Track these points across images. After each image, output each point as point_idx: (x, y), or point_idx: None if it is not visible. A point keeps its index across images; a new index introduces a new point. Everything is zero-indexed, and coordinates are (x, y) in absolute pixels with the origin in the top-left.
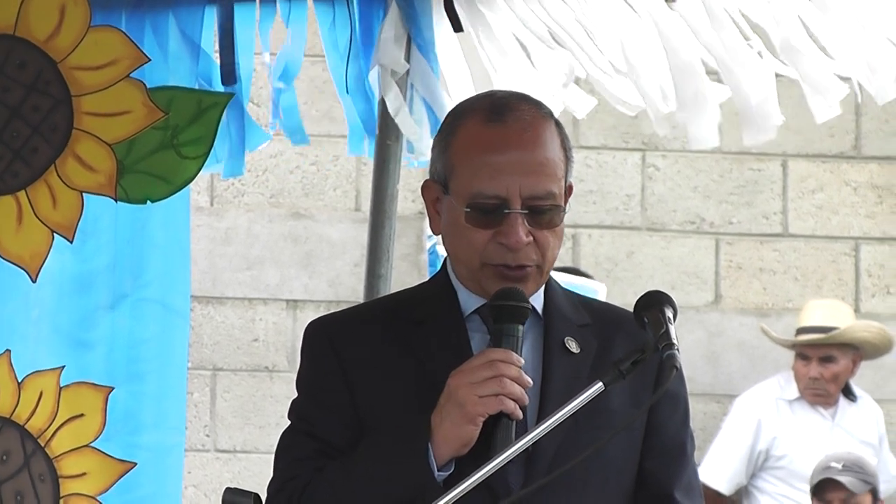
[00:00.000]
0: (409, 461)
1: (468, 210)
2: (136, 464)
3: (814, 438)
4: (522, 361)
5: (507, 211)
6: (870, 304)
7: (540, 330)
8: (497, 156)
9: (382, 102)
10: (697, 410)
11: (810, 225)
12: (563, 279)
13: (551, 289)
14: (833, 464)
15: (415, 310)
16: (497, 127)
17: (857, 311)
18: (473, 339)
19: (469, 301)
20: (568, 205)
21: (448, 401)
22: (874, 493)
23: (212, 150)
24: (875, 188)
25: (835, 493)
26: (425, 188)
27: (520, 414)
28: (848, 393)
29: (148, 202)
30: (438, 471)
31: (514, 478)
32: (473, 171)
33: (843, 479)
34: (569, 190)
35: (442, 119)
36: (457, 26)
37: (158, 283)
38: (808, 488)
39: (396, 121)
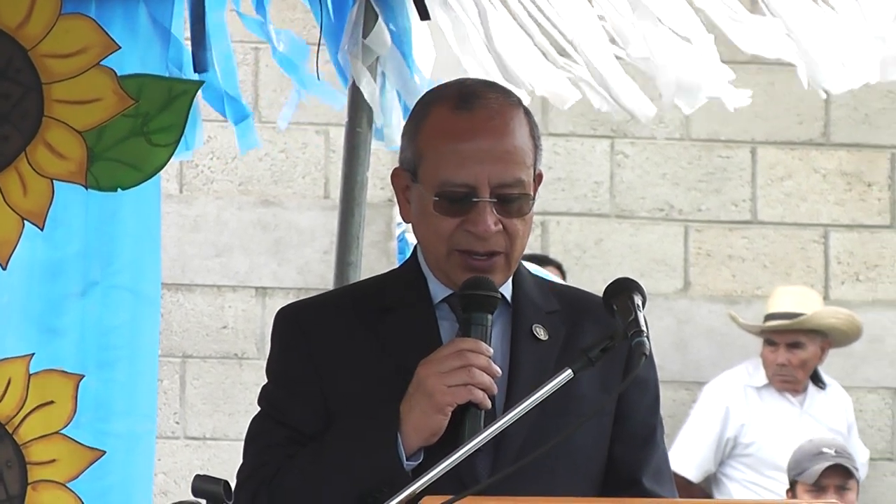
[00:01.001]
0: (378, 450)
1: (436, 198)
2: (105, 452)
3: (782, 426)
4: (491, 351)
5: (475, 199)
6: (839, 291)
7: (508, 317)
8: (465, 144)
9: (352, 88)
10: (666, 398)
11: (779, 212)
12: None
13: (520, 276)
14: (825, 449)
15: (384, 297)
16: (465, 115)
17: (826, 298)
18: (442, 327)
19: (438, 289)
20: (537, 193)
21: (417, 390)
22: (857, 480)
23: (182, 138)
24: (844, 175)
25: (831, 480)
26: (395, 176)
27: (488, 403)
28: (817, 380)
29: (118, 190)
30: (407, 460)
31: (482, 466)
32: (441, 159)
33: (841, 465)
34: (538, 178)
35: (412, 106)
36: (423, 14)
37: (129, 270)
38: (776, 475)
39: (373, 107)
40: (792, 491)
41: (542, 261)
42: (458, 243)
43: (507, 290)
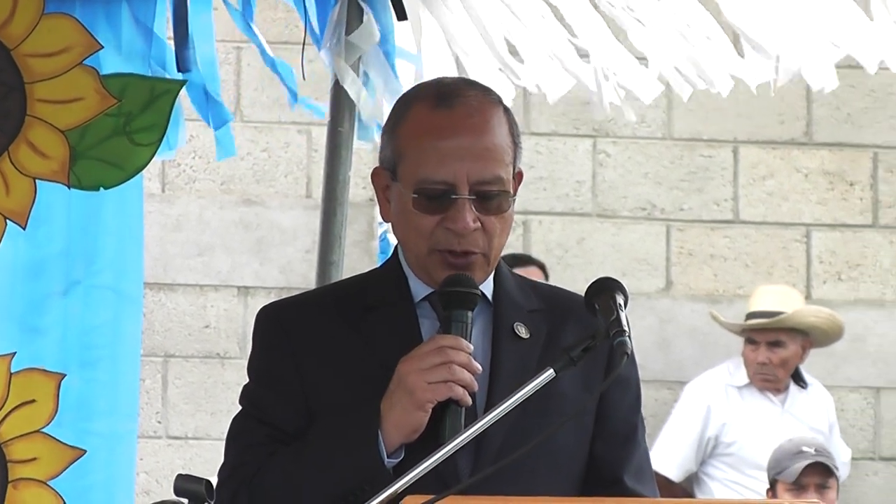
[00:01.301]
0: (359, 448)
1: (415, 196)
2: (86, 451)
3: (763, 425)
4: (471, 348)
5: (454, 196)
6: (821, 290)
7: (489, 316)
8: (444, 141)
9: (334, 88)
10: (648, 397)
11: (761, 211)
12: None
13: (501, 274)
14: (805, 448)
15: (366, 296)
16: (444, 112)
17: (808, 297)
18: (423, 325)
19: (419, 287)
20: (517, 191)
21: (397, 387)
22: (837, 479)
23: (164, 137)
24: (826, 175)
25: (811, 478)
26: (375, 175)
27: (469, 400)
28: (798, 380)
29: (101, 189)
30: (388, 457)
31: (463, 464)
32: (420, 157)
33: (821, 463)
34: (518, 176)
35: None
36: (400, 15)
37: (111, 269)
38: (758, 475)
39: (359, 106)
40: (772, 490)
41: (526, 260)
42: (438, 242)
43: (488, 288)
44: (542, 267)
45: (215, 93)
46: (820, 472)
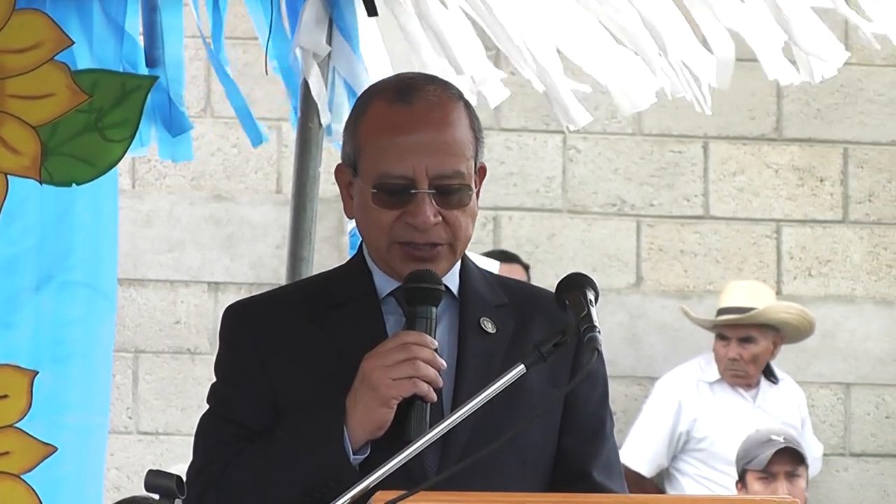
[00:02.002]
0: (325, 445)
1: (375, 191)
2: (57, 448)
3: (735, 420)
4: (436, 344)
5: (413, 191)
6: (792, 286)
7: (455, 310)
8: (403, 136)
9: (304, 84)
10: (619, 393)
11: (731, 207)
12: None
13: (467, 269)
14: (774, 437)
15: (331, 292)
16: (403, 107)
17: (778, 293)
18: (389, 321)
19: (384, 283)
20: (482, 186)
21: (362, 384)
22: (807, 467)
23: (136, 134)
24: (796, 170)
25: (780, 466)
26: (338, 172)
27: (434, 396)
28: (770, 375)
29: (73, 185)
30: (354, 454)
31: (430, 460)
32: (380, 152)
33: (791, 448)
34: (481, 171)
35: None
36: (371, 10)
37: (84, 265)
38: (729, 470)
39: (318, 104)
40: (742, 481)
41: (510, 258)
42: (399, 235)
43: (454, 283)
44: (525, 267)
45: (178, 96)
46: (790, 460)
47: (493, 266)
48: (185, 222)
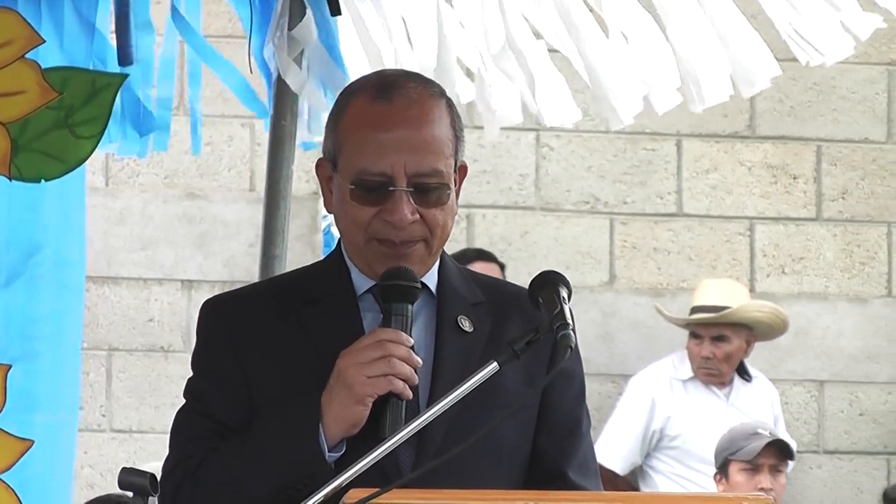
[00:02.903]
0: (300, 442)
1: (353, 187)
2: (34, 441)
3: (708, 418)
4: (411, 341)
5: (391, 188)
6: (765, 284)
7: (433, 308)
8: (382, 133)
9: (277, 82)
10: (592, 390)
11: (705, 205)
12: None
13: (445, 267)
14: (760, 430)
15: (308, 289)
16: (384, 104)
17: (752, 291)
18: (366, 318)
19: (361, 280)
20: (462, 184)
21: (337, 381)
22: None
23: (106, 130)
24: (769, 168)
25: (766, 459)
26: (319, 166)
27: (409, 394)
28: (743, 373)
29: (42, 181)
30: (330, 451)
31: (405, 458)
32: (359, 149)
33: (779, 445)
34: (462, 170)
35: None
36: (335, 10)
37: (52, 261)
38: (702, 468)
39: (301, 98)
40: (723, 472)
41: (486, 257)
42: (376, 232)
43: (432, 281)
44: (501, 266)
45: (147, 98)
46: (776, 454)
47: None
48: (159, 220)
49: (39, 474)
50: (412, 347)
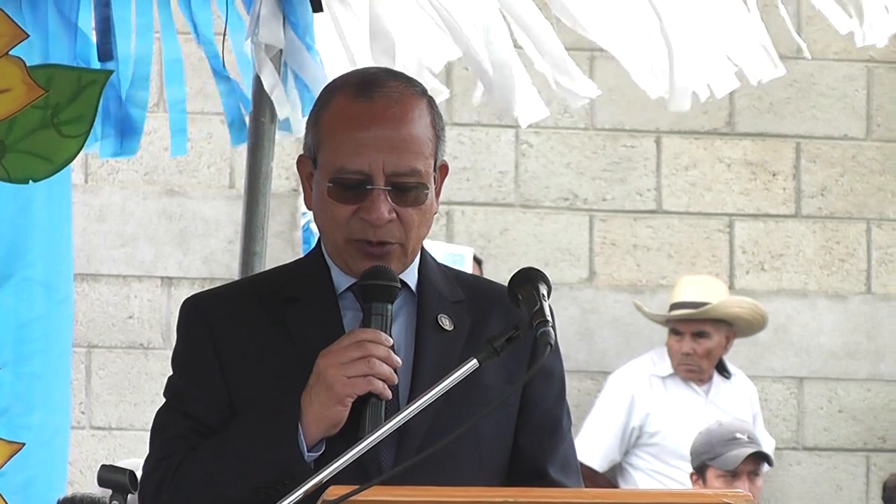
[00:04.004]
0: (279, 442)
1: (331, 185)
2: (24, 444)
3: (687, 415)
4: (391, 341)
5: (369, 187)
6: (744, 280)
7: (413, 307)
8: (362, 131)
9: (257, 80)
10: (572, 387)
11: (684, 202)
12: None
13: (426, 265)
14: (739, 435)
15: (288, 287)
16: (364, 103)
17: (731, 287)
18: (346, 316)
19: (341, 278)
20: (442, 183)
21: (317, 381)
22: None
23: (92, 129)
24: (749, 165)
25: (746, 466)
26: (299, 163)
27: (388, 394)
28: (722, 370)
29: (30, 182)
30: (309, 451)
31: (385, 456)
32: (338, 146)
33: (755, 451)
34: (443, 169)
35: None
36: (316, 7)
37: (42, 263)
38: (681, 465)
39: (272, 97)
40: (700, 474)
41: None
42: (354, 233)
43: (412, 279)
44: (479, 262)
45: (127, 94)
46: (755, 461)
47: (468, 253)
48: (138, 217)
49: (34, 477)
50: (392, 347)
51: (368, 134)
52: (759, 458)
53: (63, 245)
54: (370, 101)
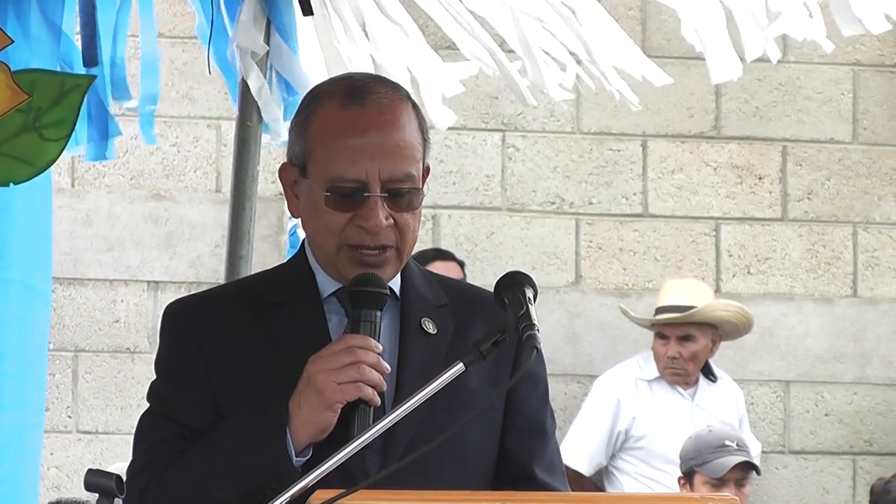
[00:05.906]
0: (267, 447)
1: (328, 194)
2: None
3: (673, 419)
4: (381, 348)
5: (366, 194)
6: (731, 284)
7: (396, 311)
8: (356, 139)
9: (243, 83)
10: (558, 391)
11: (670, 205)
12: None
13: (408, 269)
14: (728, 442)
15: (273, 291)
16: (355, 110)
17: (717, 291)
18: (331, 321)
19: (327, 283)
20: (426, 186)
21: (307, 387)
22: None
23: (73, 132)
24: (735, 168)
25: (733, 474)
26: (283, 171)
27: (378, 400)
28: (708, 373)
29: (11, 184)
30: (296, 456)
31: (371, 461)
32: (332, 155)
33: (744, 459)
34: (426, 171)
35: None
36: (306, 10)
37: (21, 264)
38: (668, 468)
39: (259, 102)
40: (687, 479)
41: (446, 256)
42: (349, 238)
43: (395, 283)
44: (461, 264)
45: (111, 98)
46: (743, 469)
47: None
48: (125, 221)
49: (7, 475)
50: (381, 354)
51: (363, 141)
52: (748, 467)
53: (42, 247)
54: (362, 107)
